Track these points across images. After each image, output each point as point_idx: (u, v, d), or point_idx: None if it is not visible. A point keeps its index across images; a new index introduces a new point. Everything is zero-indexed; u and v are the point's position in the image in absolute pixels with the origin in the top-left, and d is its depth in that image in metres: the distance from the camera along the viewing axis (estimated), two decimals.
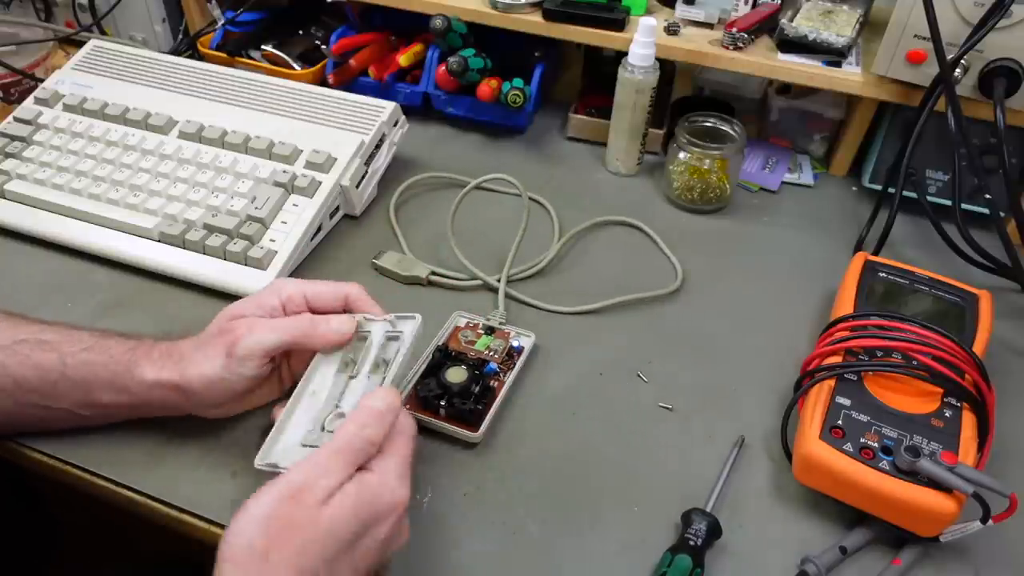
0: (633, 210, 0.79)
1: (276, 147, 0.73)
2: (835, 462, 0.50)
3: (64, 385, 0.51)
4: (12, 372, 0.51)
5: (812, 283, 0.71)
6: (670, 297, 0.70)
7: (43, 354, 0.51)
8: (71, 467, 0.54)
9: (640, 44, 0.76)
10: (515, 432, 0.58)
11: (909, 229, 0.79)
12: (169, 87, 0.81)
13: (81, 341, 0.52)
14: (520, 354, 0.62)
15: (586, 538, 0.51)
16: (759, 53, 0.79)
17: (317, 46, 0.96)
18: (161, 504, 0.52)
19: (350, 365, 0.52)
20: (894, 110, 0.79)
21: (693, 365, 0.64)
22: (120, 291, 0.67)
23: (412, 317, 0.53)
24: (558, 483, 0.55)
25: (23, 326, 0.53)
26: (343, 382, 0.52)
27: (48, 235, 0.71)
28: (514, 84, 0.82)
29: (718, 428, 0.59)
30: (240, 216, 0.69)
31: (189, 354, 0.51)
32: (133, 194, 0.71)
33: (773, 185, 0.84)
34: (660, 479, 0.55)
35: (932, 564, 0.51)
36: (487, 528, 0.52)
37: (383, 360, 0.52)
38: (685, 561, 0.48)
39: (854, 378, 0.55)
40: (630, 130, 0.81)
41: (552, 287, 0.70)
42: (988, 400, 0.53)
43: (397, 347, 0.52)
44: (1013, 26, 0.66)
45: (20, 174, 0.74)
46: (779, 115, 0.88)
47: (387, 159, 0.79)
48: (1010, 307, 0.70)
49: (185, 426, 0.56)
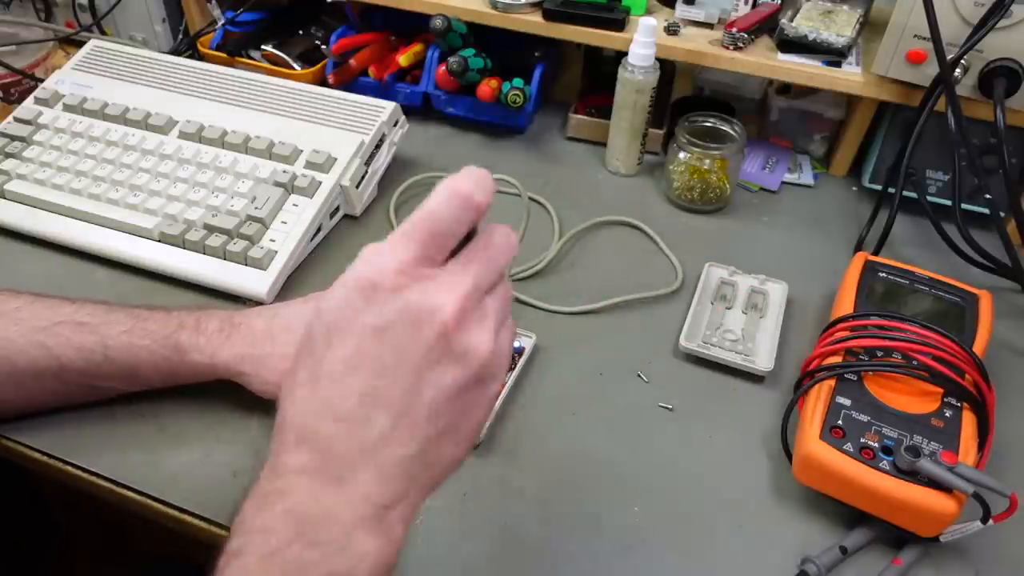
0: (633, 210, 0.79)
1: (276, 147, 0.73)
2: (835, 462, 0.50)
3: (108, 367, 0.52)
4: (57, 354, 0.52)
5: (812, 283, 0.71)
6: (670, 297, 0.70)
7: (83, 336, 0.52)
8: (71, 467, 0.54)
9: (640, 44, 0.76)
10: (515, 432, 0.58)
11: (909, 229, 0.79)
12: (169, 87, 0.81)
13: (119, 323, 0.53)
14: (521, 354, 0.62)
15: (586, 538, 0.51)
16: (759, 53, 0.79)
17: (317, 46, 0.96)
18: (161, 504, 0.52)
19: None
20: (894, 110, 0.79)
21: (693, 365, 0.64)
22: (120, 291, 0.67)
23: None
24: (558, 483, 0.55)
25: (59, 307, 0.54)
26: None
27: (48, 235, 0.71)
28: (514, 84, 0.82)
29: (718, 428, 0.59)
30: (240, 216, 0.69)
31: (262, 340, 0.53)
32: (133, 194, 0.71)
33: (773, 185, 0.84)
34: (660, 479, 0.55)
35: (932, 564, 0.51)
36: (487, 528, 0.52)
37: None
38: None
39: (854, 378, 0.55)
40: (630, 130, 0.81)
41: (552, 287, 0.70)
42: (988, 400, 0.53)
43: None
44: (1013, 26, 0.66)
45: (20, 174, 0.74)
46: (779, 115, 0.88)
47: (387, 159, 0.79)
48: (1010, 307, 0.70)
49: (185, 426, 0.56)
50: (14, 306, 0.53)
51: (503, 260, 0.35)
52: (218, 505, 0.51)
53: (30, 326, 0.52)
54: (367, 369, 0.33)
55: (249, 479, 0.52)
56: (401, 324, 0.33)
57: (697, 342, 0.63)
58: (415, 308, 0.33)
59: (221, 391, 0.56)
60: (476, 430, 0.36)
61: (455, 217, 0.33)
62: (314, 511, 0.33)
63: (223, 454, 0.55)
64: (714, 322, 0.66)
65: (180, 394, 0.56)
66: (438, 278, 0.33)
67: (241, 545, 0.32)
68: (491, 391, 0.36)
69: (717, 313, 0.67)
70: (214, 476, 0.53)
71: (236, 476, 0.53)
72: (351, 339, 0.33)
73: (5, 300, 0.54)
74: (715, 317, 0.67)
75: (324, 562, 0.32)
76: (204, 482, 0.53)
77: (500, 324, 0.35)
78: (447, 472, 0.36)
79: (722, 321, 0.66)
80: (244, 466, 0.54)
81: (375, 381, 0.33)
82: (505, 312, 0.36)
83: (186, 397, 0.56)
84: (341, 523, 0.33)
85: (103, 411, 0.56)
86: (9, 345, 0.51)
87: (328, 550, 0.32)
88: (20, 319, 0.52)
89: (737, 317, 0.67)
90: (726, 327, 0.65)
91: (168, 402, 0.57)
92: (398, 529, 0.34)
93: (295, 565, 0.32)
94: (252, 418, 0.56)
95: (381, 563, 0.33)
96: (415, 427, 0.33)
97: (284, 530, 0.32)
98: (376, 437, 0.33)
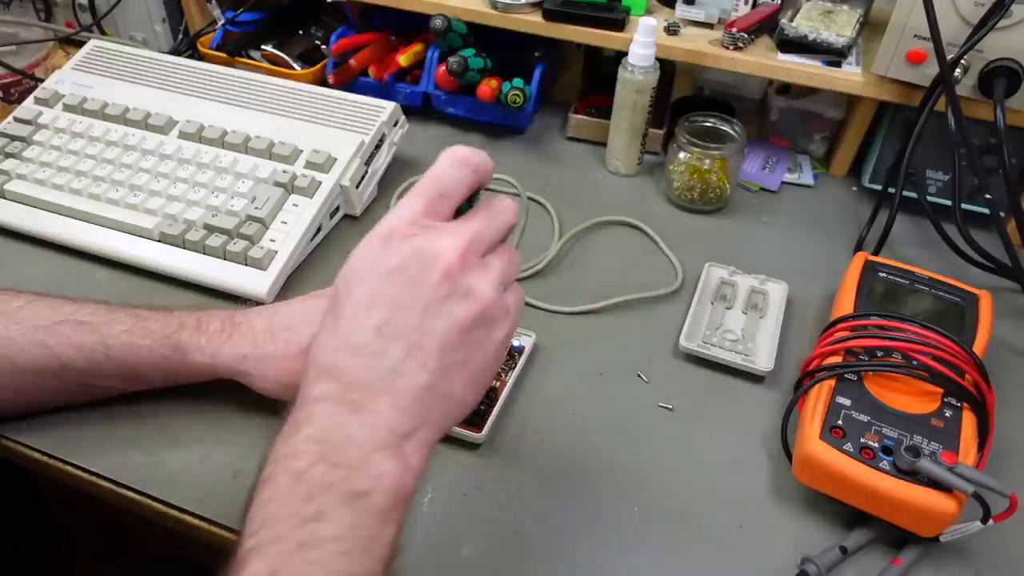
0: (633, 210, 0.79)
1: (276, 147, 0.73)
2: (835, 462, 0.50)
3: (109, 367, 0.53)
4: (58, 353, 0.52)
5: (812, 283, 0.71)
6: (670, 297, 0.70)
7: (84, 335, 0.52)
8: (71, 467, 0.54)
9: (640, 44, 0.76)
10: (515, 432, 0.58)
11: (909, 229, 0.79)
12: (169, 87, 0.81)
13: (120, 322, 0.53)
14: (521, 354, 0.62)
15: (586, 538, 0.51)
16: (759, 53, 0.79)
17: (317, 46, 0.96)
18: (161, 504, 0.52)
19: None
20: (894, 110, 0.79)
21: (693, 365, 0.64)
22: (120, 291, 0.67)
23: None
24: (558, 483, 0.55)
25: (60, 306, 0.54)
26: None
27: (48, 235, 0.71)
28: (514, 84, 0.82)
29: (718, 428, 0.59)
30: (240, 216, 0.69)
31: (263, 340, 0.53)
32: (133, 194, 0.71)
33: (773, 185, 0.84)
34: (660, 479, 0.55)
35: (932, 564, 0.51)
36: (487, 528, 0.52)
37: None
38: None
39: (854, 378, 0.55)
40: (630, 130, 0.81)
41: (552, 287, 0.70)
42: (988, 400, 0.53)
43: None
44: (1013, 26, 0.66)
45: (20, 174, 0.74)
46: (779, 115, 0.88)
47: (387, 159, 0.79)
48: (1010, 307, 0.70)
49: (185, 426, 0.56)
50: (15, 305, 0.53)
51: (503, 219, 0.40)
52: (218, 505, 0.51)
53: (31, 325, 0.52)
54: (382, 306, 0.37)
55: (250, 479, 0.52)
56: (412, 265, 0.37)
57: (697, 342, 0.63)
58: (424, 250, 0.37)
59: (221, 391, 0.56)
60: (485, 375, 0.39)
61: (457, 178, 0.39)
62: (336, 435, 0.36)
63: (223, 454, 0.54)
64: (714, 322, 0.66)
65: (180, 394, 0.56)
66: (444, 228, 0.38)
67: (272, 472, 0.36)
68: (497, 336, 0.39)
69: (717, 313, 0.67)
70: (214, 476, 0.53)
71: (236, 476, 0.53)
72: (370, 282, 0.38)
73: (6, 299, 0.54)
74: (715, 317, 0.67)
75: (345, 481, 0.35)
76: (204, 482, 0.53)
77: (504, 279, 0.39)
78: (459, 413, 0.39)
79: (722, 321, 0.66)
80: (244, 466, 0.54)
81: (389, 316, 0.37)
82: (509, 273, 0.40)
83: (186, 397, 0.56)
84: (360, 446, 0.36)
85: (103, 411, 0.56)
86: (10, 344, 0.51)
87: (349, 470, 0.35)
88: (21, 318, 0.52)
89: (737, 317, 0.67)
90: (726, 327, 0.66)
91: (168, 402, 0.57)
92: (414, 458, 0.37)
93: (320, 484, 0.35)
94: (252, 418, 0.56)
95: (398, 485, 0.36)
96: (427, 358, 0.37)
97: (309, 453, 0.35)
98: (391, 367, 0.37)
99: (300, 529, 0.34)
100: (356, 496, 0.35)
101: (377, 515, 0.35)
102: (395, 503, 0.36)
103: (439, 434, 0.39)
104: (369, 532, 0.35)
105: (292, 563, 0.33)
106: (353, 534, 0.34)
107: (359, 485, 0.35)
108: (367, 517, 0.35)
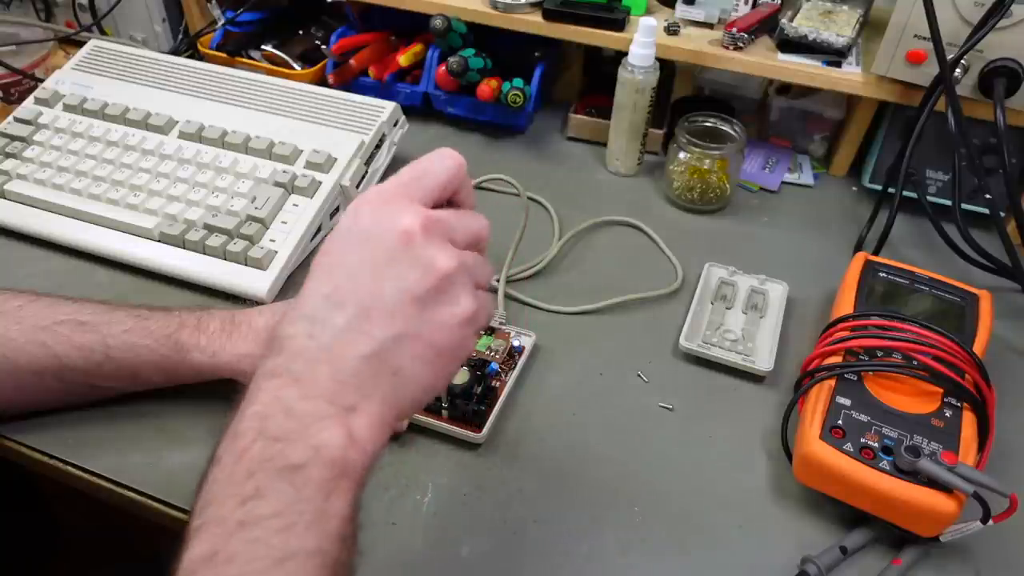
0: (633, 210, 0.79)
1: (276, 147, 0.73)
2: (835, 462, 0.50)
3: (109, 367, 0.53)
4: (58, 353, 0.52)
5: (812, 283, 0.71)
6: (670, 297, 0.70)
7: (84, 335, 0.52)
8: (71, 467, 0.54)
9: (640, 44, 0.76)
10: (515, 432, 0.58)
11: (909, 229, 0.79)
12: (169, 87, 0.81)
13: (120, 322, 0.53)
14: (521, 354, 0.62)
15: (586, 538, 0.51)
16: (759, 53, 0.79)
17: (317, 46, 0.96)
18: (161, 504, 0.52)
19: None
20: (894, 110, 0.79)
21: (693, 365, 0.64)
22: (120, 291, 0.67)
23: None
24: (558, 483, 0.55)
25: (60, 306, 0.54)
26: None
27: (48, 235, 0.71)
28: (514, 84, 0.82)
29: (718, 428, 0.59)
30: (240, 216, 0.69)
31: (263, 339, 0.53)
32: (133, 194, 0.71)
33: (773, 185, 0.84)
34: (660, 479, 0.55)
35: (932, 564, 0.51)
36: (487, 528, 0.52)
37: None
38: None
39: (854, 378, 0.55)
40: (630, 130, 0.81)
41: (552, 287, 0.70)
42: (988, 400, 0.53)
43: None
44: (1013, 26, 0.66)
45: (20, 174, 0.74)
46: (779, 115, 0.88)
47: (387, 159, 0.79)
48: (1010, 307, 0.70)
49: (186, 427, 0.56)
50: (15, 305, 0.53)
51: (476, 222, 0.40)
52: None
53: (31, 325, 0.52)
54: (335, 273, 0.37)
55: None
56: (373, 231, 0.37)
57: (697, 342, 0.63)
58: (386, 218, 0.37)
59: (221, 391, 0.56)
60: (445, 356, 0.38)
61: (437, 165, 0.39)
62: (276, 410, 0.35)
63: None
64: (714, 322, 0.66)
65: (180, 394, 0.56)
66: (414, 204, 0.38)
67: (219, 452, 0.35)
68: (457, 312, 0.37)
69: (717, 313, 0.67)
70: None
71: None
72: (333, 252, 0.38)
73: (6, 299, 0.54)
74: (715, 317, 0.67)
75: (280, 456, 0.34)
76: None
77: (472, 273, 0.39)
78: (416, 393, 0.38)
79: (722, 321, 0.66)
80: None
81: (339, 282, 0.37)
82: (478, 274, 0.39)
83: (186, 397, 0.56)
84: (298, 417, 0.35)
85: (103, 411, 0.56)
86: (10, 344, 0.51)
87: (286, 444, 0.34)
88: (21, 318, 0.52)
89: (737, 317, 0.67)
90: (726, 327, 0.65)
91: (168, 402, 0.57)
92: (364, 434, 0.35)
93: (258, 460, 0.34)
94: None
95: (340, 457, 0.34)
96: (372, 324, 0.36)
97: (252, 430, 0.35)
98: (333, 334, 0.36)
99: (240, 508, 0.33)
100: (292, 469, 0.33)
101: (318, 488, 0.33)
102: (338, 474, 0.34)
103: (395, 414, 0.37)
104: (312, 506, 0.33)
105: (232, 543, 0.32)
106: (293, 509, 0.33)
107: (295, 458, 0.34)
108: (308, 491, 0.33)
